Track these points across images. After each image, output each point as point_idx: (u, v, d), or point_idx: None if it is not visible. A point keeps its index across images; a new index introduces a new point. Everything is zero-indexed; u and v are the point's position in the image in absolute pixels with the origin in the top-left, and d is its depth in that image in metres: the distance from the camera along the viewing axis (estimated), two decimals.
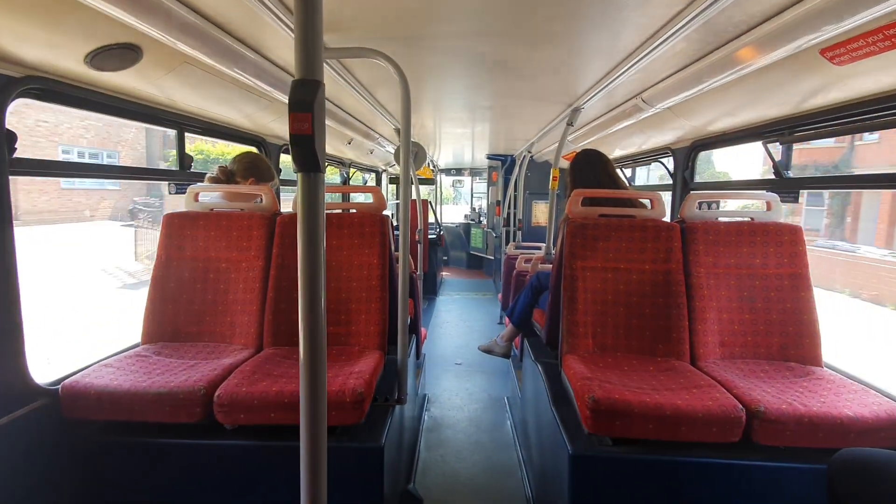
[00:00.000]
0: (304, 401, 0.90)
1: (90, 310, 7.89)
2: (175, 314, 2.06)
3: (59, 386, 1.60)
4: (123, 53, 1.54)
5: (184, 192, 2.22)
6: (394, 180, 7.42)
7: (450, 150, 6.95)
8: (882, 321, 9.31)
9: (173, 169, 2.37)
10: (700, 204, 2.34)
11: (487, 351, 3.31)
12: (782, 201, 2.10)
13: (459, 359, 4.48)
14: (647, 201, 2.24)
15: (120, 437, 1.62)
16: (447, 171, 9.91)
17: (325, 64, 2.02)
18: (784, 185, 2.21)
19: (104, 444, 1.62)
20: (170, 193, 2.27)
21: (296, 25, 0.80)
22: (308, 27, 0.80)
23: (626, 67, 1.97)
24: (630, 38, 1.73)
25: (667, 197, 3.09)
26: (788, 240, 1.99)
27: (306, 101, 0.80)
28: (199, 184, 2.27)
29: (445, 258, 9.33)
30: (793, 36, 1.39)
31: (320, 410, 0.91)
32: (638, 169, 4.41)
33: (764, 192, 2.22)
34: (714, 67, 1.78)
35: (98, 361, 1.78)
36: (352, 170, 5.50)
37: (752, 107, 2.10)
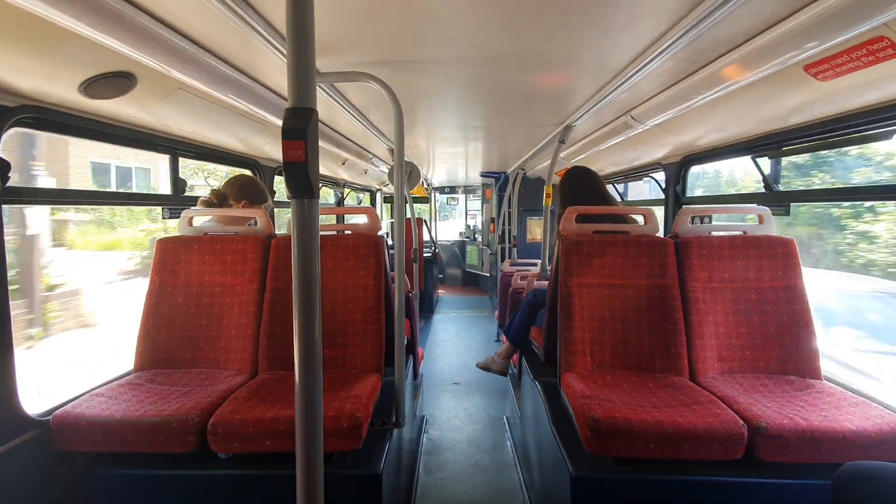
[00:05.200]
0: (300, 429, 0.88)
1: None
2: (169, 340, 2.03)
3: (51, 416, 1.56)
4: (117, 81, 1.55)
5: (178, 217, 2.21)
6: (388, 199, 7.44)
7: (444, 169, 7.00)
8: None
9: (167, 194, 2.36)
10: (693, 218, 2.35)
11: (485, 368, 3.28)
12: (773, 214, 2.12)
13: (457, 378, 4.43)
14: (639, 217, 2.25)
15: (112, 468, 1.58)
16: (441, 190, 9.95)
17: (318, 88, 2.04)
18: (774, 198, 2.23)
19: (96, 475, 1.58)
20: (163, 218, 2.26)
21: (288, 54, 0.81)
22: (301, 56, 0.81)
23: (614, 86, 2.00)
24: (618, 58, 1.76)
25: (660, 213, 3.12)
26: (782, 252, 2.00)
27: (299, 128, 0.80)
28: (192, 208, 2.26)
29: (441, 276, 9.31)
30: (777, 53, 1.42)
31: (316, 438, 0.89)
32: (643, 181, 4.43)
33: (755, 205, 2.24)
34: (701, 85, 1.81)
35: (91, 390, 1.75)
36: (346, 190, 5.52)
37: (740, 122, 2.14)
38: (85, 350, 5.96)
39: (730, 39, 1.51)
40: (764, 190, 2.30)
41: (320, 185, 4.77)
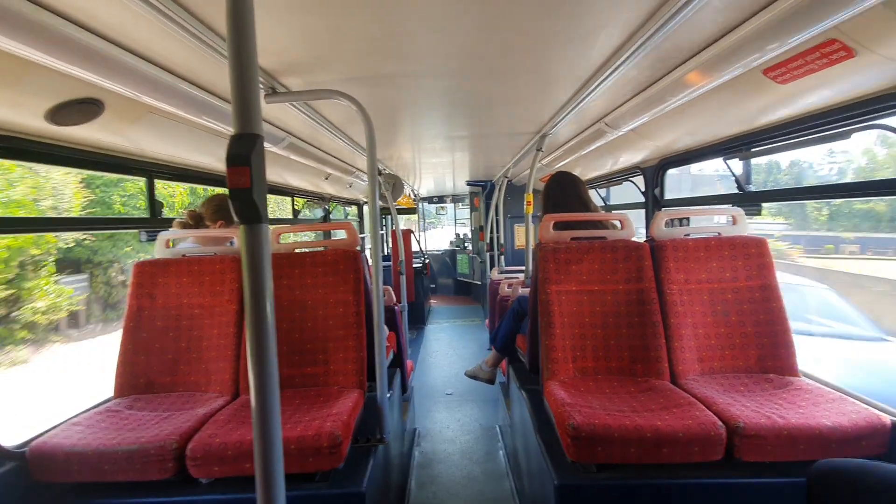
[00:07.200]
0: (258, 455, 0.87)
1: None
2: (148, 365, 2.00)
3: (27, 448, 1.54)
4: (84, 108, 1.55)
5: (154, 240, 2.20)
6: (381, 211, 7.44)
7: (430, 179, 7.03)
8: None
9: (144, 217, 2.35)
10: (672, 221, 2.38)
11: (473, 376, 3.28)
12: (746, 214, 2.15)
13: (450, 388, 4.41)
14: (617, 222, 2.27)
15: (91, 499, 1.55)
16: (429, 200, 9.98)
17: (292, 106, 2.06)
18: (746, 198, 2.26)
19: None
20: (140, 241, 2.25)
21: (231, 81, 0.81)
22: (243, 83, 0.82)
23: (584, 95, 2.03)
24: (584, 67, 1.80)
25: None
26: (755, 252, 2.03)
27: (243, 154, 0.80)
28: (169, 230, 2.25)
29: (433, 286, 9.30)
30: (735, 58, 1.46)
31: (275, 465, 0.88)
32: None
33: (729, 206, 2.27)
34: (667, 91, 1.84)
35: (68, 419, 1.72)
36: (332, 204, 5.52)
37: (710, 125, 2.17)
38: None
39: (689, 47, 1.55)
40: (736, 191, 2.34)
41: (305, 202, 4.80)
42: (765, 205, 2.17)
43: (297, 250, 2.20)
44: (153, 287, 2.08)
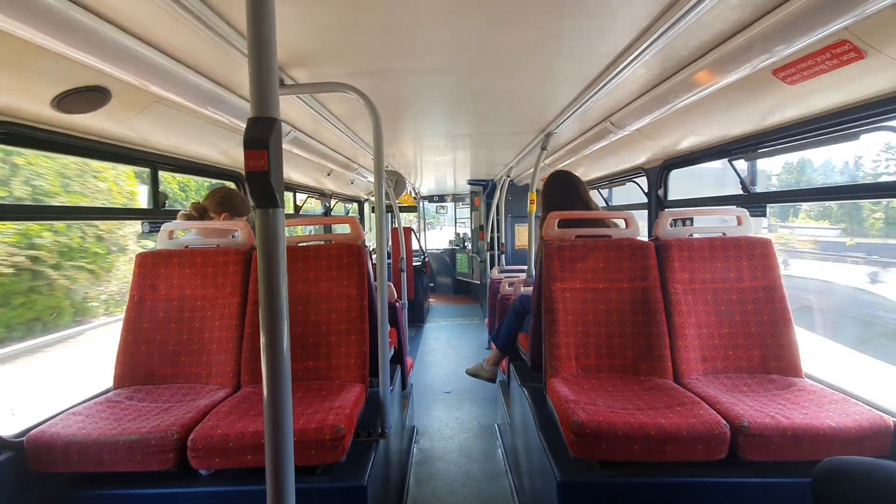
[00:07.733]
0: (269, 444, 0.87)
1: None
2: (149, 356, 1.99)
3: (25, 437, 1.53)
4: (91, 96, 1.54)
5: (157, 231, 2.19)
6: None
7: (432, 177, 7.02)
8: None
9: (147, 208, 2.34)
10: (675, 221, 2.38)
11: (474, 374, 3.28)
12: (751, 215, 2.15)
13: (448, 387, 4.40)
14: (621, 221, 2.27)
15: (90, 489, 1.54)
16: (430, 198, 9.97)
17: (298, 99, 2.05)
18: (751, 199, 2.27)
19: (73, 497, 1.54)
20: (143, 233, 2.24)
21: (249, 65, 0.81)
22: (262, 66, 0.81)
23: (591, 93, 2.03)
24: (592, 65, 1.79)
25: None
26: (760, 253, 2.03)
27: (261, 138, 0.80)
28: (173, 221, 2.24)
29: (432, 285, 9.28)
30: (745, 58, 1.45)
31: (286, 454, 0.88)
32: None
33: (734, 207, 2.27)
34: (675, 90, 1.84)
35: (67, 409, 1.71)
36: (334, 201, 5.51)
37: (716, 126, 2.17)
38: None
39: (700, 46, 1.55)
40: (741, 192, 2.34)
41: (307, 196, 4.79)
42: (804, 206, 2.18)
43: (301, 244, 2.19)
44: (155, 278, 2.08)
